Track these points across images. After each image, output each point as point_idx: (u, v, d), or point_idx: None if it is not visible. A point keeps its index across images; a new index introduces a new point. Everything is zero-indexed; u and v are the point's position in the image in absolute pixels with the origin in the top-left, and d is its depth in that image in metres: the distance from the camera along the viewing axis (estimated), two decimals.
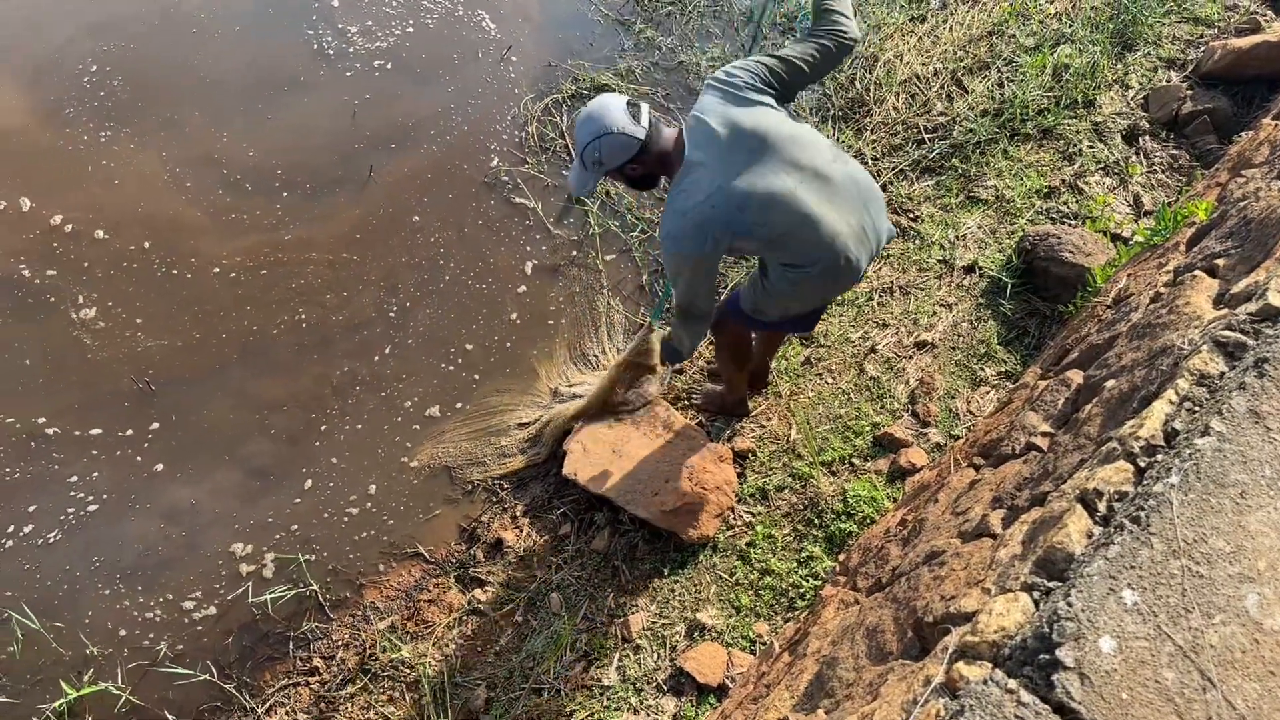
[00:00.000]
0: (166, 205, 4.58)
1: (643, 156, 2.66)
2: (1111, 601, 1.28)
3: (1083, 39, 5.14)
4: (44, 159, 4.67)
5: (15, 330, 4.14)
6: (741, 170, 2.61)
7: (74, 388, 4.01)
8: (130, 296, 4.27)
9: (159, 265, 4.37)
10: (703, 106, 2.70)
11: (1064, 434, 2.05)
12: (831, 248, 2.73)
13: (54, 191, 4.56)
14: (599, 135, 2.62)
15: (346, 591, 3.66)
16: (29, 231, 4.41)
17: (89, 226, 4.45)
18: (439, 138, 5.02)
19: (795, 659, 2.50)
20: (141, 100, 4.95)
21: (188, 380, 4.09)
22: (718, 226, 2.62)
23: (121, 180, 4.62)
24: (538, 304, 4.44)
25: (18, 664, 3.43)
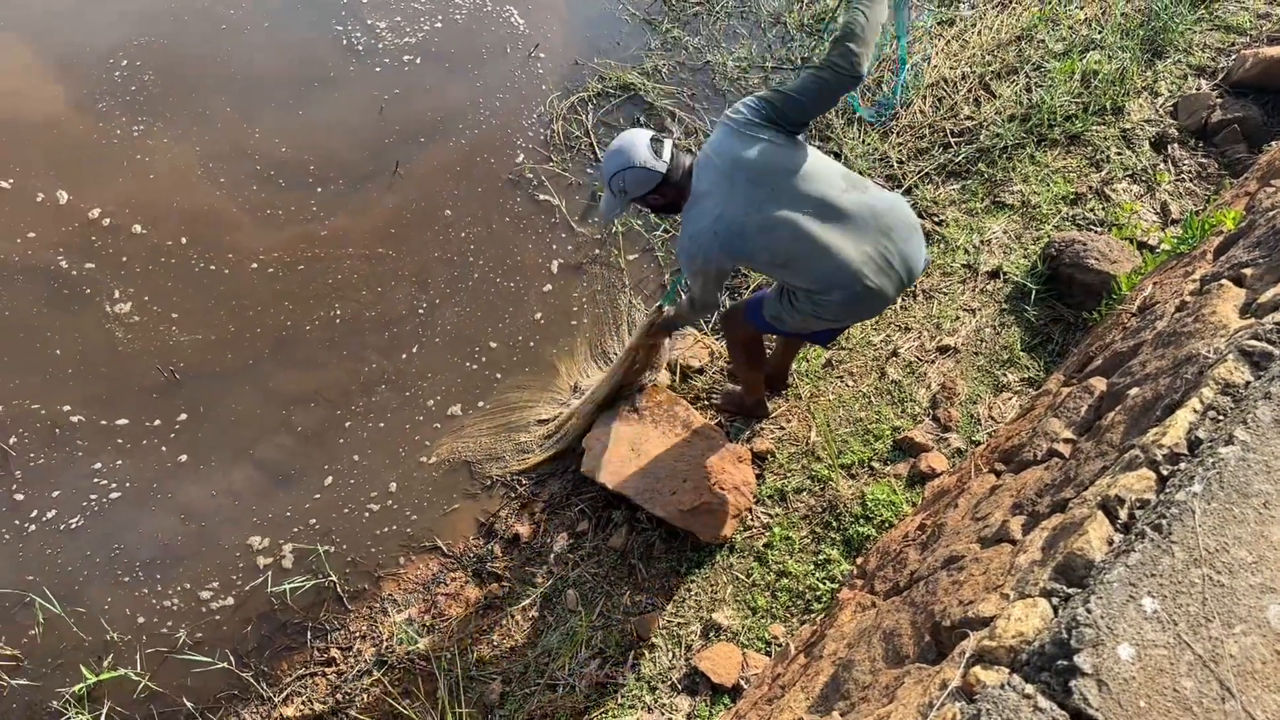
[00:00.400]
0: (202, 200, 4.62)
1: (663, 188, 2.85)
2: (1131, 609, 1.27)
3: (1112, 45, 5.10)
4: (79, 151, 4.71)
5: (48, 319, 4.19)
6: (741, 201, 2.75)
7: (103, 379, 4.05)
8: (165, 291, 4.31)
9: (196, 260, 4.41)
10: (711, 143, 2.86)
11: (1086, 441, 2.04)
12: (847, 275, 2.77)
13: (90, 184, 4.60)
14: (624, 168, 2.83)
15: (364, 583, 3.68)
16: (68, 224, 4.45)
17: (126, 221, 4.49)
18: (467, 131, 5.04)
19: (811, 661, 2.49)
20: (173, 95, 4.99)
21: (218, 374, 4.12)
22: (719, 249, 2.80)
23: (157, 175, 4.66)
24: (561, 302, 4.45)
25: (39, 647, 3.47)
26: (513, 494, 3.92)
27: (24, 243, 4.35)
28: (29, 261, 4.32)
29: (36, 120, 4.81)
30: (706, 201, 2.80)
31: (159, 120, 4.87)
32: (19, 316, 4.19)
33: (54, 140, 4.73)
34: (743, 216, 2.74)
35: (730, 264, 2.89)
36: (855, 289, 2.78)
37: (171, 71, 5.08)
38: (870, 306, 2.90)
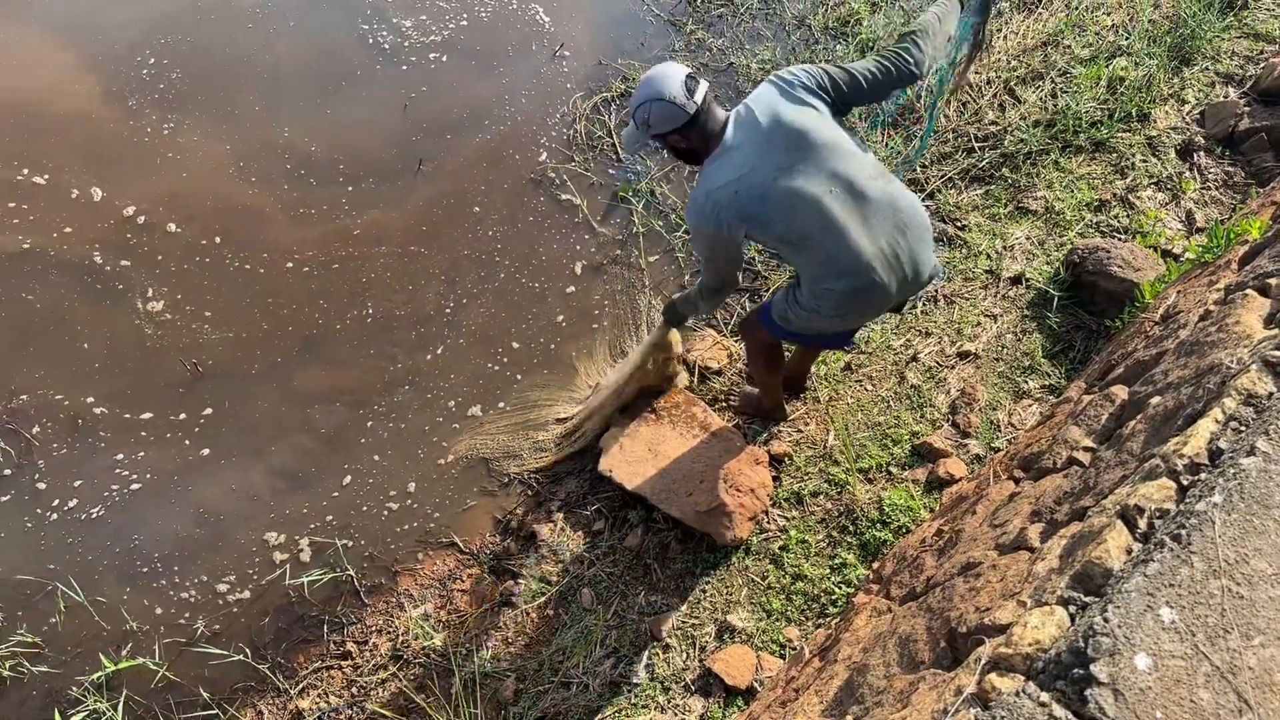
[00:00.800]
0: (235, 198, 4.65)
1: (688, 131, 2.70)
2: (1149, 619, 1.27)
3: (1139, 52, 5.07)
4: (110, 147, 4.75)
5: (78, 313, 4.22)
6: (773, 163, 2.64)
7: (129, 374, 4.08)
8: (198, 289, 4.34)
9: (230, 259, 4.44)
10: (754, 96, 2.75)
11: (1106, 449, 2.03)
12: (856, 264, 2.71)
13: (123, 181, 4.64)
14: (651, 99, 2.67)
15: (381, 578, 3.70)
16: (103, 221, 4.49)
17: (161, 219, 4.52)
18: (493, 127, 5.07)
19: (825, 664, 2.49)
20: (201, 93, 5.03)
21: (245, 371, 4.15)
22: (735, 212, 2.68)
23: (189, 173, 4.70)
24: (583, 304, 4.46)
25: (59, 635, 3.50)
26: (530, 492, 3.93)
27: (60, 237, 4.40)
28: (64, 256, 4.36)
29: (68, 116, 4.85)
30: (735, 155, 2.68)
31: (188, 118, 4.91)
32: (50, 309, 4.23)
33: (85, 136, 4.78)
34: (770, 180, 2.65)
35: (742, 232, 2.74)
36: (859, 280, 2.74)
37: (198, 70, 5.12)
38: (871, 302, 2.85)
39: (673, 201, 4.80)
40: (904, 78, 2.79)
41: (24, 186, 4.51)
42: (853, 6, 5.59)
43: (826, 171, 2.66)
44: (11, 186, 4.51)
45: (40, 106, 4.87)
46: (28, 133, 4.76)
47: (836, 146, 2.68)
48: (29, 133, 4.77)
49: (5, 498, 3.76)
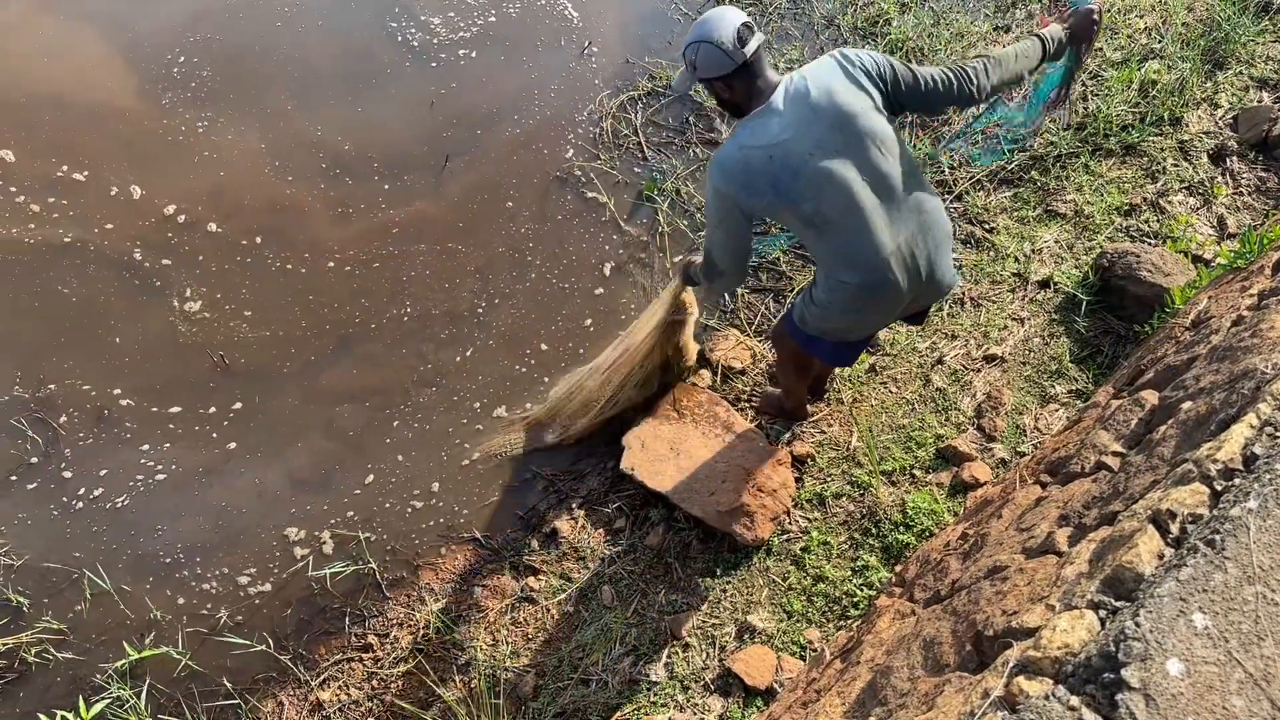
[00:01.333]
0: (274, 196, 4.67)
1: (733, 81, 2.65)
2: (1181, 624, 1.25)
3: (1172, 55, 5.01)
4: (147, 145, 4.77)
5: (113, 307, 4.26)
6: (814, 138, 2.60)
7: (161, 370, 4.11)
8: (236, 288, 4.36)
9: (272, 260, 4.46)
10: (813, 67, 2.70)
11: (1136, 454, 2.01)
12: (874, 259, 2.69)
13: (162, 179, 4.66)
14: (701, 40, 2.62)
15: (403, 572, 3.71)
16: (143, 219, 4.52)
17: (201, 218, 4.54)
18: (522, 124, 5.08)
19: (848, 666, 2.48)
20: (233, 91, 5.05)
21: (279, 369, 4.17)
22: (767, 179, 2.64)
23: (227, 171, 4.72)
24: (611, 305, 4.45)
25: (84, 623, 3.54)
26: (551, 489, 3.93)
27: (100, 233, 4.43)
28: (103, 251, 4.39)
29: (103, 112, 4.88)
30: (778, 119, 2.62)
31: (221, 115, 4.93)
32: (84, 302, 4.26)
33: (121, 132, 4.81)
34: (807, 154, 2.60)
35: (767, 200, 2.67)
36: (874, 276, 2.72)
37: (228, 68, 5.15)
38: (884, 300, 2.81)
39: (698, 201, 4.79)
40: (963, 98, 2.76)
41: (64, 182, 4.54)
42: (882, 6, 5.56)
43: (864, 160, 2.63)
44: (52, 181, 4.55)
45: (76, 101, 4.91)
46: (65, 128, 4.80)
47: (881, 138, 2.65)
48: (66, 127, 4.80)
49: (32, 485, 3.80)
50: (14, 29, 5.19)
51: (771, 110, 2.64)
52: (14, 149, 4.64)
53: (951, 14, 5.52)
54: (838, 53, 2.72)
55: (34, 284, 4.26)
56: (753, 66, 2.64)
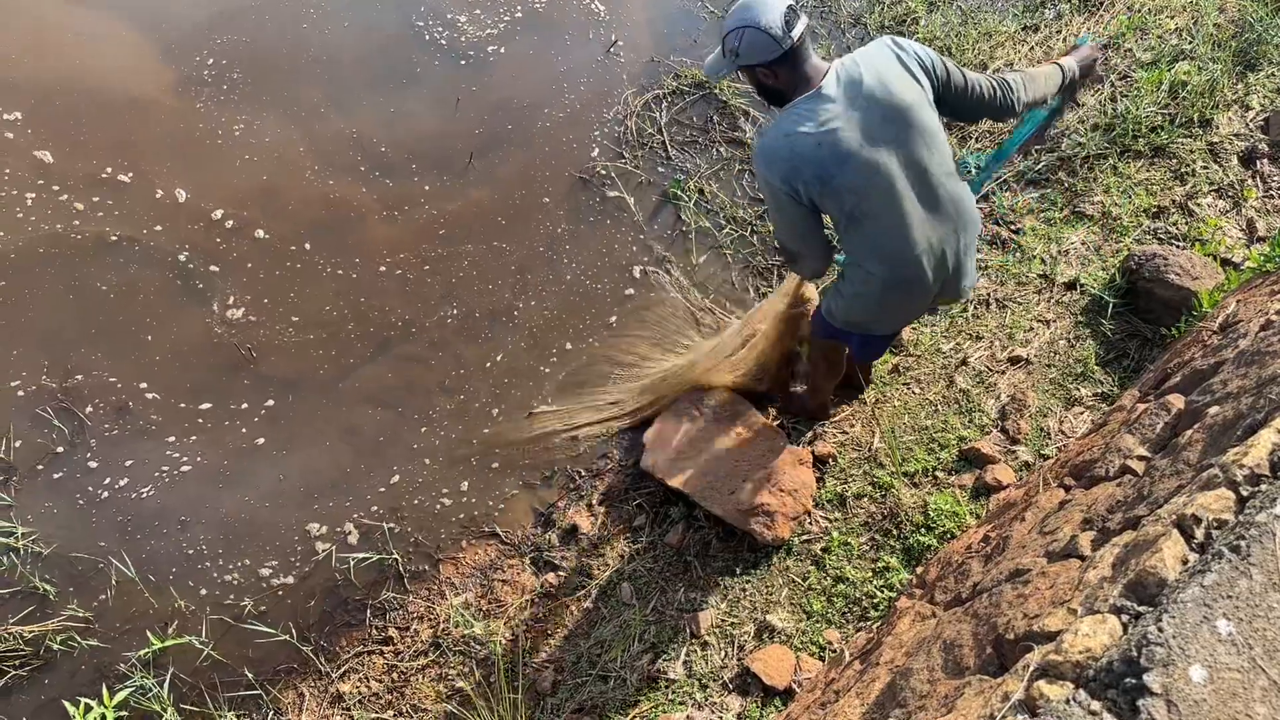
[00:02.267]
0: (314, 199, 4.66)
1: (778, 67, 2.55)
2: (1205, 630, 1.24)
3: (1203, 56, 4.96)
4: (188, 147, 4.77)
5: (151, 305, 4.26)
6: (864, 129, 2.55)
7: (192, 368, 4.13)
8: (280, 293, 4.36)
9: (323, 265, 4.46)
10: (866, 53, 2.61)
11: (1161, 459, 1.99)
12: (905, 254, 2.69)
13: (206, 181, 4.64)
14: (745, 25, 2.51)
15: (424, 565, 3.73)
16: (191, 222, 4.50)
17: (248, 223, 4.53)
18: (550, 121, 5.08)
19: (867, 668, 2.47)
20: (266, 93, 5.02)
21: (316, 371, 4.18)
22: (814, 168, 2.57)
23: (269, 174, 4.71)
24: (640, 304, 4.46)
25: (109, 611, 3.57)
26: (571, 486, 3.94)
27: (148, 234, 4.43)
28: (148, 252, 4.39)
29: (144, 113, 4.87)
30: (829, 107, 2.52)
31: (258, 118, 4.91)
32: (122, 298, 4.27)
33: (163, 134, 4.79)
34: (855, 144, 2.53)
35: (815, 190, 2.59)
36: (902, 272, 2.73)
37: (259, 69, 5.12)
38: (912, 295, 2.82)
39: (721, 200, 4.78)
40: (1004, 109, 2.75)
41: (110, 183, 4.56)
42: (910, 5, 5.54)
43: (911, 155, 2.61)
44: (99, 182, 4.56)
45: (115, 100, 4.92)
46: (107, 127, 4.81)
47: (931, 134, 2.62)
48: (108, 127, 4.81)
49: (58, 475, 3.84)
50: (50, 25, 5.22)
51: (821, 96, 2.55)
52: (54, 148, 4.66)
53: (979, 13, 5.48)
54: (890, 40, 2.65)
55: (71, 278, 4.29)
56: (799, 51, 2.53)
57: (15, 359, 4.04)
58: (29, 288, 4.21)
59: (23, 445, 3.86)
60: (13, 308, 4.16)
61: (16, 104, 4.68)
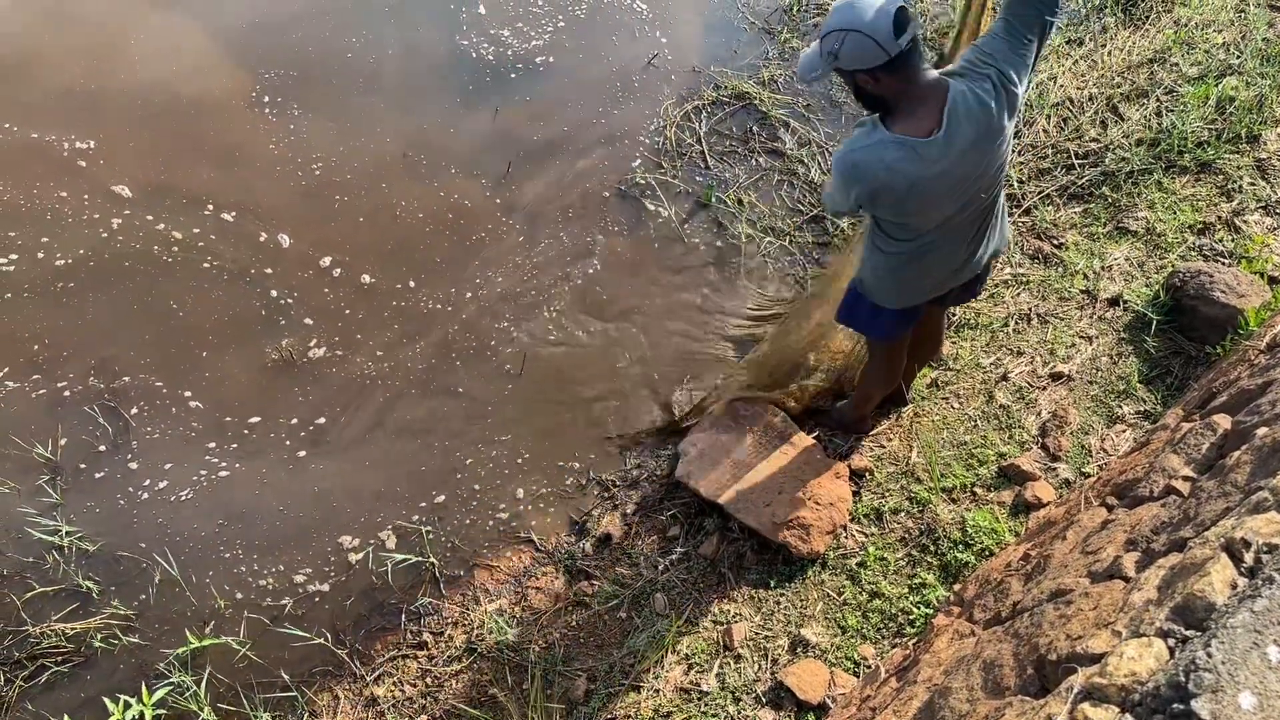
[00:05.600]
0: (409, 237, 4.69)
1: (882, 75, 2.35)
2: (1255, 656, 1.22)
3: (1251, 71, 4.90)
4: (269, 186, 4.80)
5: (219, 326, 4.32)
6: (957, 181, 2.48)
7: (250, 383, 4.19)
8: (361, 332, 4.38)
9: (409, 298, 4.50)
10: (974, 92, 2.40)
11: (1208, 480, 1.96)
12: (943, 269, 2.82)
13: (306, 226, 4.67)
14: (848, 28, 2.29)
15: (460, 570, 3.75)
16: (302, 270, 4.52)
17: (354, 271, 4.54)
18: (594, 133, 5.15)
19: (904, 685, 2.46)
20: (335, 129, 5.05)
21: (373, 393, 4.22)
22: (893, 199, 2.50)
23: (364, 216, 4.73)
24: (694, 318, 4.51)
25: (150, 610, 3.62)
26: (606, 495, 3.95)
27: (248, 275, 4.48)
28: (237, 283, 4.44)
29: (235, 153, 4.92)
30: (935, 151, 2.38)
31: (333, 155, 4.94)
32: (191, 314, 4.34)
33: (258, 170, 4.85)
34: (944, 192, 2.49)
35: (873, 207, 2.55)
36: (931, 280, 2.85)
37: (320, 109, 5.15)
38: (925, 280, 2.90)
39: (760, 210, 4.78)
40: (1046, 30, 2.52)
41: (212, 220, 4.60)
42: (952, 19, 5.51)
43: (979, 197, 2.60)
44: (202, 218, 4.61)
45: (211, 134, 4.97)
46: (205, 157, 4.87)
47: (1001, 172, 2.59)
48: (207, 158, 4.88)
49: (100, 474, 3.90)
50: (127, 43, 5.29)
51: (932, 143, 2.39)
52: (134, 182, 4.71)
53: None
54: (996, 70, 2.42)
55: (147, 293, 4.36)
56: (908, 58, 2.33)
57: (65, 359, 4.12)
58: (96, 293, 4.32)
59: (68, 443, 3.93)
60: (72, 310, 4.25)
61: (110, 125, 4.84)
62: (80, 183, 4.64)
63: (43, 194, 4.57)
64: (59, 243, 4.42)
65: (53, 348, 4.17)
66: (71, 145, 4.75)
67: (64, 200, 4.55)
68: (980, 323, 4.21)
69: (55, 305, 4.27)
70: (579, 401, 4.20)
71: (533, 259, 4.60)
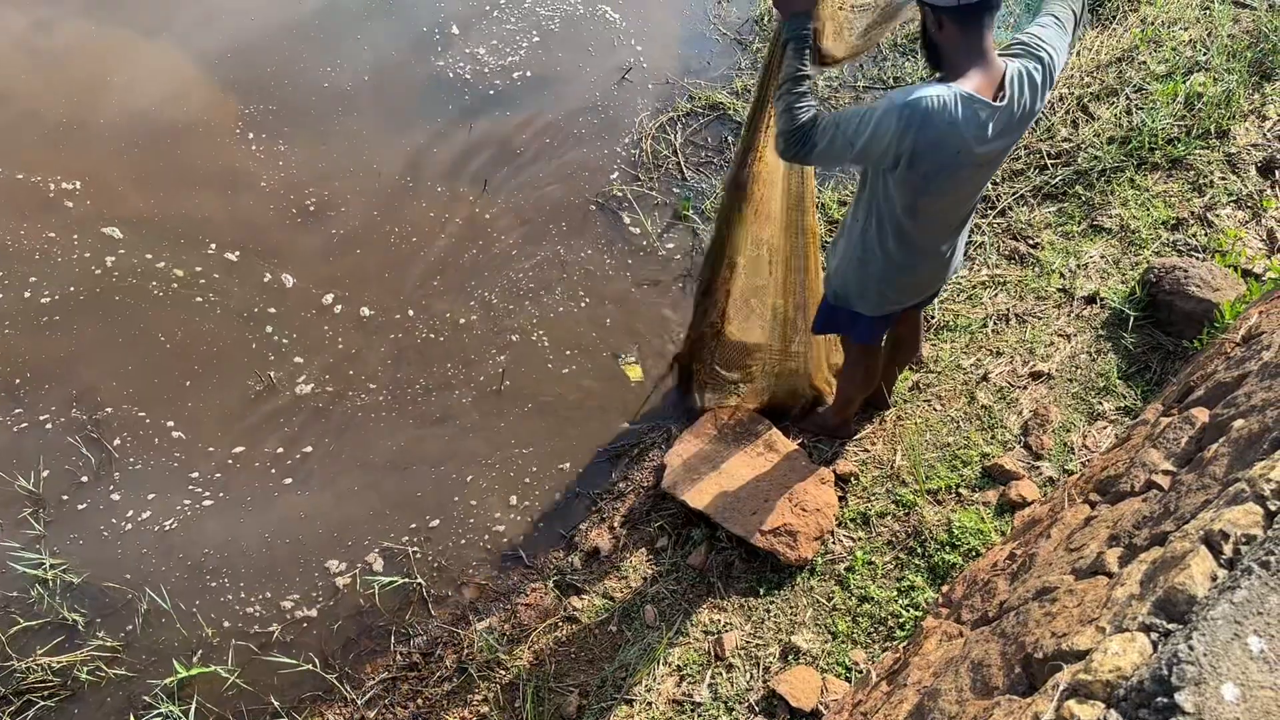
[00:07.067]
0: (407, 271, 4.68)
1: (948, 21, 2.37)
2: (1236, 647, 1.23)
3: (1218, 67, 4.95)
4: (263, 226, 4.81)
5: (205, 357, 4.32)
6: (989, 153, 2.51)
7: (234, 413, 4.18)
8: (353, 369, 4.36)
9: (399, 321, 4.49)
10: (1029, 71, 2.48)
11: (1187, 473, 1.98)
12: (931, 246, 2.81)
13: (307, 266, 4.68)
14: None
15: (448, 590, 3.74)
16: (304, 310, 4.52)
17: (354, 306, 4.54)
18: (570, 150, 5.17)
19: (894, 689, 2.46)
20: (319, 156, 5.07)
21: (366, 423, 4.20)
22: (933, 157, 2.44)
23: (364, 250, 4.73)
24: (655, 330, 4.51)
25: (137, 641, 3.59)
26: (593, 508, 3.94)
27: (219, 300, 4.49)
28: (229, 319, 4.44)
29: (235, 191, 4.92)
30: (988, 121, 2.40)
31: (327, 188, 4.94)
32: (182, 344, 4.35)
33: (243, 217, 4.84)
34: (975, 164, 2.50)
35: (909, 157, 2.42)
36: (914, 260, 2.83)
37: (290, 104, 5.19)
38: (909, 282, 2.95)
39: None
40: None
41: (220, 261, 4.61)
42: None
43: (983, 184, 2.71)
44: (210, 259, 4.62)
45: (204, 170, 4.98)
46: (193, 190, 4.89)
47: (1006, 147, 2.62)
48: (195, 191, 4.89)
49: (82, 505, 3.87)
50: (108, 81, 5.29)
51: (997, 109, 2.42)
52: (125, 224, 4.71)
53: None
54: (1048, 54, 2.51)
55: (131, 324, 4.36)
56: (980, 17, 2.36)
57: (47, 392, 4.11)
58: (78, 325, 4.33)
59: (50, 476, 3.90)
60: (53, 342, 4.24)
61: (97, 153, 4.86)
62: (66, 219, 4.67)
63: (30, 233, 4.59)
64: (43, 277, 4.43)
65: (34, 380, 4.16)
66: (58, 185, 4.75)
67: (52, 240, 4.58)
68: (959, 324, 4.23)
69: (37, 337, 4.26)
70: (563, 417, 4.21)
71: (513, 276, 4.61)
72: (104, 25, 5.56)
